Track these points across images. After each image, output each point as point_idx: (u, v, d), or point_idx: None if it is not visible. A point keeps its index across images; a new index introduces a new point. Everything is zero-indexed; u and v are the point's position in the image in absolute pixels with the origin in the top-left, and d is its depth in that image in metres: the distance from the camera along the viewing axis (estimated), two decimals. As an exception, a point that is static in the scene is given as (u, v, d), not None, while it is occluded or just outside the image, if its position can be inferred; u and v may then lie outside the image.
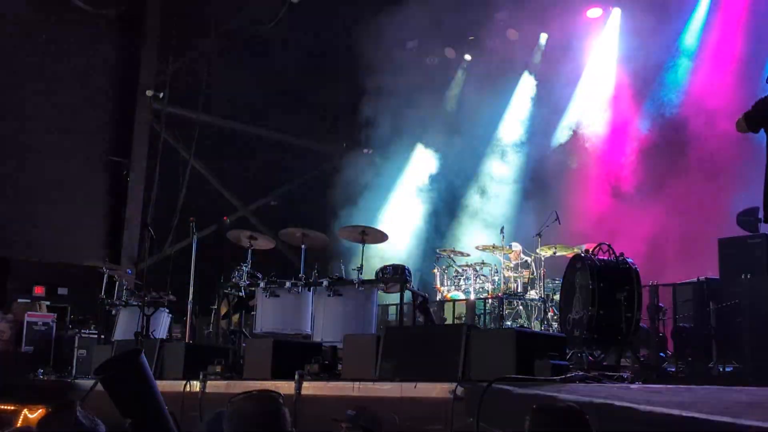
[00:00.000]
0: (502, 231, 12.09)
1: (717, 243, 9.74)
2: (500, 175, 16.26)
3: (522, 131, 16.15)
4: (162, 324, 11.14)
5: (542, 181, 15.43)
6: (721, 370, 8.41)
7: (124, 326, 10.93)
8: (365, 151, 17.41)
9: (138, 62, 15.96)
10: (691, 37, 13.82)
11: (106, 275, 11.67)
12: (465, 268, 12.31)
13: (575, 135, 15.23)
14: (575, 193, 14.79)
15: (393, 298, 11.13)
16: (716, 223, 11.36)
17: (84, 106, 15.41)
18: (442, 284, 12.47)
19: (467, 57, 16.65)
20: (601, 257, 8.26)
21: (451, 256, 12.61)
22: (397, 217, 16.08)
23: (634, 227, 13.68)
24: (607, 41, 14.90)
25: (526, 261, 11.87)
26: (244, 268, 9.81)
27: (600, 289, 7.86)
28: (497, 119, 16.50)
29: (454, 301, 12.16)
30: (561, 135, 15.46)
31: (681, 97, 13.81)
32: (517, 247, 11.99)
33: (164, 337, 10.88)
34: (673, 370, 8.75)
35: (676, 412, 4.16)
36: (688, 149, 13.47)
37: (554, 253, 11.32)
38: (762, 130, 6.63)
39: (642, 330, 8.75)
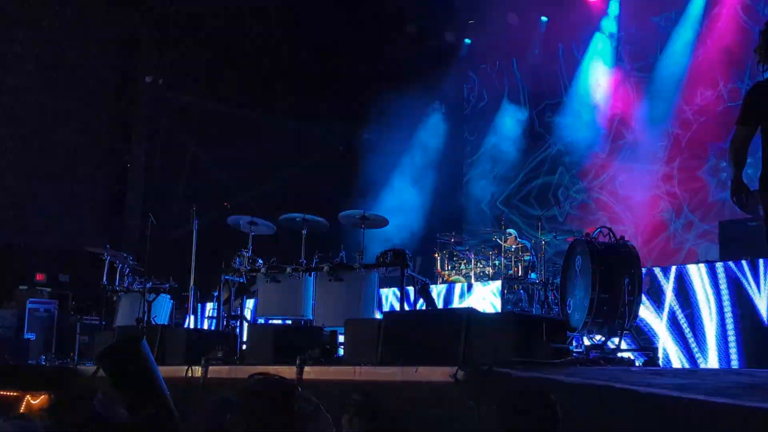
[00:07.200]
0: (501, 217, 12.08)
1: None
2: (502, 159, 16.25)
3: (524, 115, 16.12)
4: (163, 310, 11.17)
5: (543, 166, 15.43)
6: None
7: (126, 312, 10.96)
8: (366, 135, 17.37)
9: (138, 47, 15.92)
10: (690, 23, 13.76)
11: (107, 261, 11.64)
12: (465, 252, 12.31)
13: (575, 120, 15.20)
14: (577, 177, 14.81)
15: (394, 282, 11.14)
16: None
17: (84, 92, 15.37)
18: (442, 268, 12.47)
19: (467, 41, 16.60)
20: (602, 241, 8.27)
21: (452, 240, 12.59)
22: (399, 201, 16.06)
23: (634, 212, 13.72)
24: (607, 25, 14.84)
25: (525, 245, 11.86)
26: (244, 253, 9.82)
27: (601, 272, 7.86)
28: (499, 103, 16.49)
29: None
30: (561, 119, 15.42)
31: (678, 83, 13.79)
32: (512, 232, 11.98)
33: (166, 323, 10.91)
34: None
35: (676, 393, 4.18)
36: (685, 136, 13.50)
37: (555, 236, 11.32)
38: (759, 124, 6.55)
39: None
